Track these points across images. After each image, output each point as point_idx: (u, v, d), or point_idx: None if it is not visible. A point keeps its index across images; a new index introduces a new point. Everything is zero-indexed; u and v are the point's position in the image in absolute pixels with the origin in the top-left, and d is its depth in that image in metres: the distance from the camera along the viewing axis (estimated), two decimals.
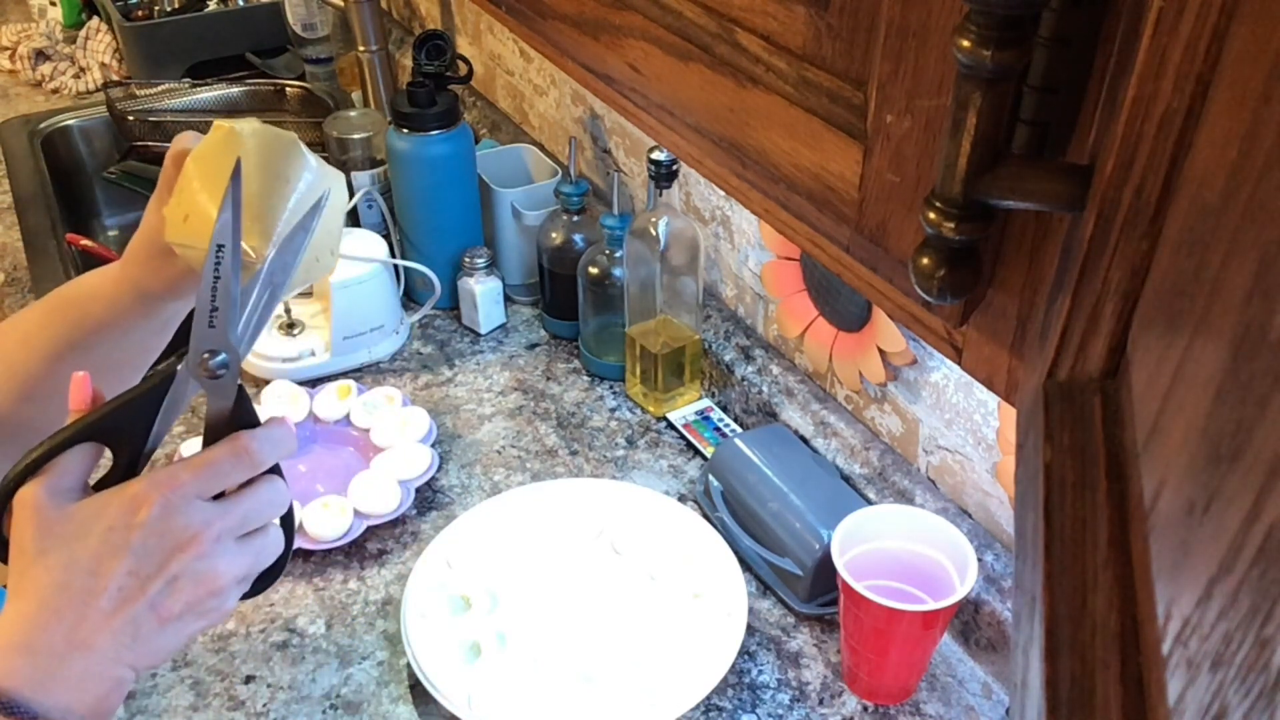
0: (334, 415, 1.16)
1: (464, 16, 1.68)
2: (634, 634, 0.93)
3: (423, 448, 1.09)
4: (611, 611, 0.96)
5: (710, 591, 0.95)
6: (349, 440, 1.15)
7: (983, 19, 0.31)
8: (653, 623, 0.94)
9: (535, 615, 0.95)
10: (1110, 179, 0.30)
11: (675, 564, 0.98)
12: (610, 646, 0.93)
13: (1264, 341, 0.20)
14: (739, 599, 0.94)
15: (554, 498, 1.05)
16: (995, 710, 0.90)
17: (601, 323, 1.23)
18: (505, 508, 1.04)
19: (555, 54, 0.65)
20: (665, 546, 1.00)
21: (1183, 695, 0.21)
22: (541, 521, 1.03)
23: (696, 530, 1.01)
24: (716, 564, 0.97)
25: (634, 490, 1.06)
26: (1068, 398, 0.32)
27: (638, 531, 1.02)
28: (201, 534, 0.55)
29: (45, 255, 1.44)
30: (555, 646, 0.92)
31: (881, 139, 0.41)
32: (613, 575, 0.99)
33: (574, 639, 0.93)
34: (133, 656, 0.54)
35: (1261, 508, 0.19)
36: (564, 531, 1.02)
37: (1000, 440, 0.88)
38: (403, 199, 1.32)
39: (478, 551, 1.00)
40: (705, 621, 0.93)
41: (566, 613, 0.96)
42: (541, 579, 0.98)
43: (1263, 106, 0.22)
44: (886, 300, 0.47)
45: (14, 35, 2.06)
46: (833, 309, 1.03)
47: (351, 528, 1.01)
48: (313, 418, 1.16)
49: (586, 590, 0.98)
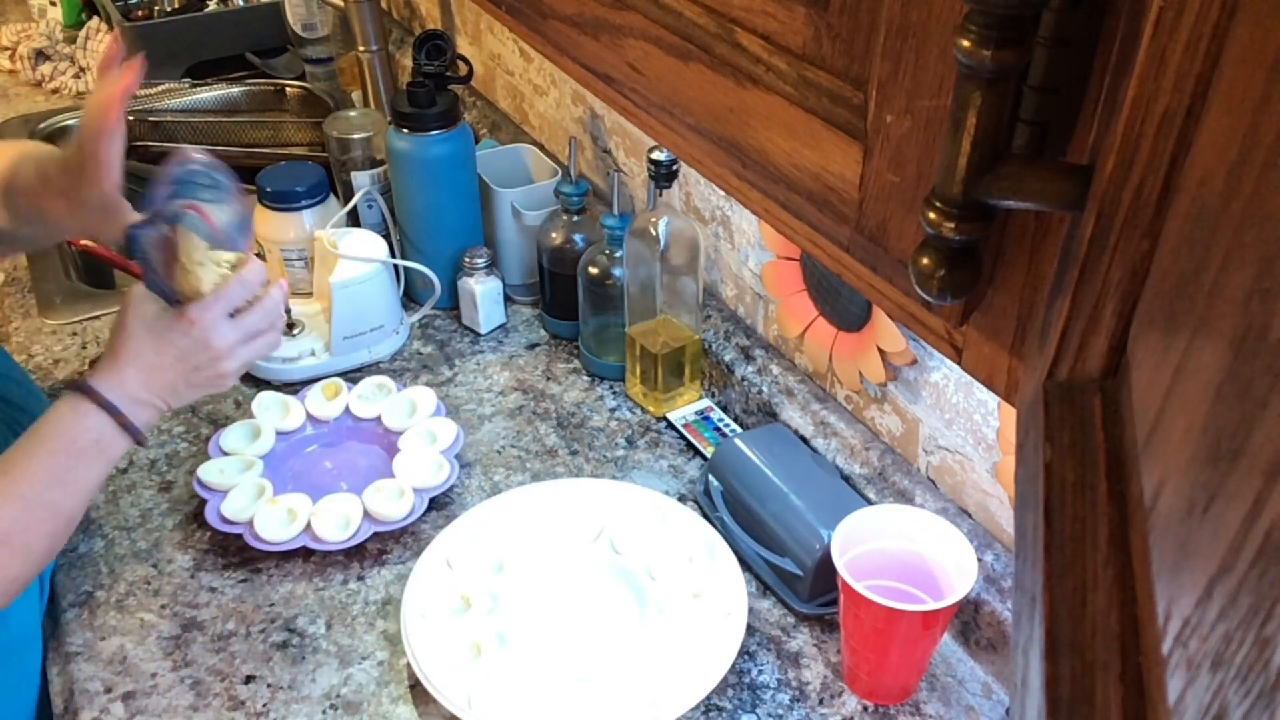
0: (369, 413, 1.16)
1: (464, 16, 1.68)
2: (634, 634, 0.93)
3: (444, 459, 1.08)
4: (611, 611, 0.96)
5: (710, 591, 0.95)
6: (377, 439, 1.16)
7: (983, 19, 0.31)
8: (653, 623, 0.94)
9: (535, 615, 0.95)
10: (1110, 179, 0.30)
11: (675, 564, 0.98)
12: (610, 647, 0.92)
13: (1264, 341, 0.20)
14: (739, 599, 0.93)
15: (554, 498, 1.05)
16: (995, 710, 0.90)
17: (601, 323, 1.23)
18: (505, 508, 1.04)
19: (555, 54, 0.65)
20: (665, 546, 1.00)
21: (1183, 695, 0.21)
22: (541, 521, 1.03)
23: (696, 530, 1.01)
24: (716, 564, 0.97)
25: (634, 490, 1.05)
26: (1068, 398, 0.32)
27: (638, 531, 1.01)
28: (221, 346, 0.88)
29: (45, 255, 1.44)
30: (555, 647, 0.92)
31: (881, 139, 0.41)
32: (613, 575, 0.99)
33: (574, 639, 0.93)
34: (169, 401, 0.89)
35: (1261, 508, 0.19)
36: (564, 531, 1.02)
37: (1000, 440, 0.88)
38: (403, 199, 1.32)
39: (478, 552, 1.00)
40: (705, 622, 0.93)
41: (566, 613, 0.96)
42: (541, 579, 0.98)
43: (1263, 106, 0.22)
44: (886, 300, 0.47)
45: (14, 35, 2.06)
46: (833, 309, 1.03)
47: (358, 532, 1.01)
48: (349, 415, 1.16)
49: (586, 590, 0.98)
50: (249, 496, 1.04)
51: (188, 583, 1.00)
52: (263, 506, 1.02)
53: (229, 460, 1.09)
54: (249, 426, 1.13)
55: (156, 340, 0.88)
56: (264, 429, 1.12)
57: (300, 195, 1.26)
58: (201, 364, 0.89)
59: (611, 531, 1.02)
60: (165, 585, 1.00)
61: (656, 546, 1.00)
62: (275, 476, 1.08)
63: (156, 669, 0.92)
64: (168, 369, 0.88)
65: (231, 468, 1.08)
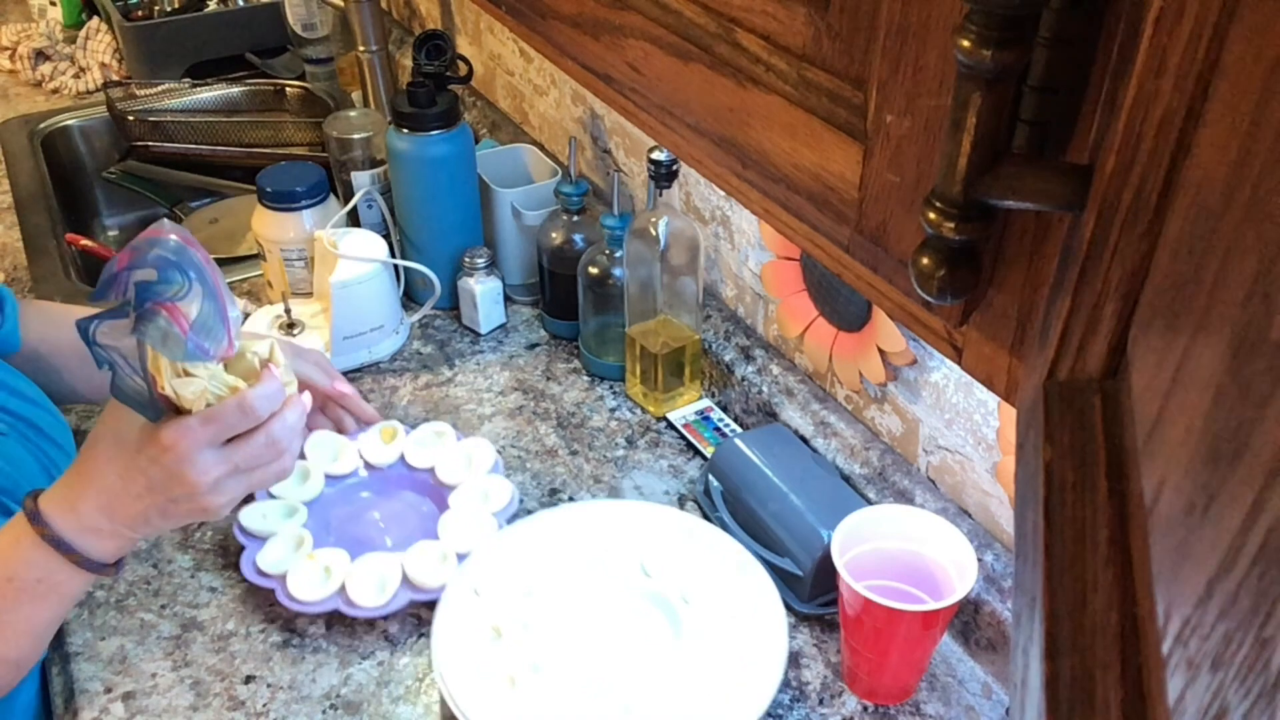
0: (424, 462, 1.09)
1: (464, 16, 1.68)
2: (673, 660, 0.88)
3: (495, 522, 1.01)
4: (647, 637, 0.91)
5: (746, 613, 0.90)
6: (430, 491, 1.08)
7: (983, 19, 0.31)
8: (690, 647, 0.89)
9: (569, 643, 0.89)
10: (1110, 179, 0.30)
11: (708, 585, 0.93)
12: (649, 673, 0.87)
13: (1264, 341, 0.20)
14: (777, 620, 0.88)
15: (578, 519, 0.99)
16: (995, 710, 0.90)
17: (601, 323, 1.23)
18: (529, 532, 0.97)
19: (555, 54, 0.65)
20: (696, 567, 0.94)
21: (1183, 695, 0.21)
22: (567, 545, 0.97)
23: (726, 550, 0.95)
24: (750, 585, 0.92)
25: (659, 510, 1.00)
26: (1068, 398, 0.32)
27: (667, 552, 0.96)
28: (200, 480, 0.74)
29: (45, 255, 1.44)
30: (592, 675, 0.87)
31: (881, 139, 0.41)
32: (645, 599, 0.94)
33: (612, 666, 0.88)
34: (141, 531, 0.77)
35: (1261, 508, 0.19)
36: (591, 554, 0.96)
37: (1000, 440, 0.88)
38: (403, 199, 1.32)
39: (505, 578, 0.93)
40: (743, 645, 0.88)
41: (601, 640, 0.90)
42: (572, 605, 0.92)
43: (1263, 106, 0.22)
44: (886, 300, 0.47)
45: (14, 35, 2.06)
46: (833, 309, 1.03)
47: (394, 599, 0.94)
48: (404, 462, 1.09)
49: (619, 615, 0.92)
50: (288, 547, 0.98)
51: (188, 583, 1.00)
52: (300, 561, 0.96)
53: (273, 505, 1.02)
54: (299, 468, 1.05)
55: (124, 464, 0.74)
56: (313, 472, 1.06)
57: (300, 195, 1.26)
58: (178, 497, 0.75)
59: (640, 553, 0.96)
60: (165, 585, 1.00)
61: (687, 567, 0.94)
62: (318, 525, 1.02)
63: (156, 669, 0.92)
64: (136, 498, 0.74)
65: (275, 512, 1.01)
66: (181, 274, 0.69)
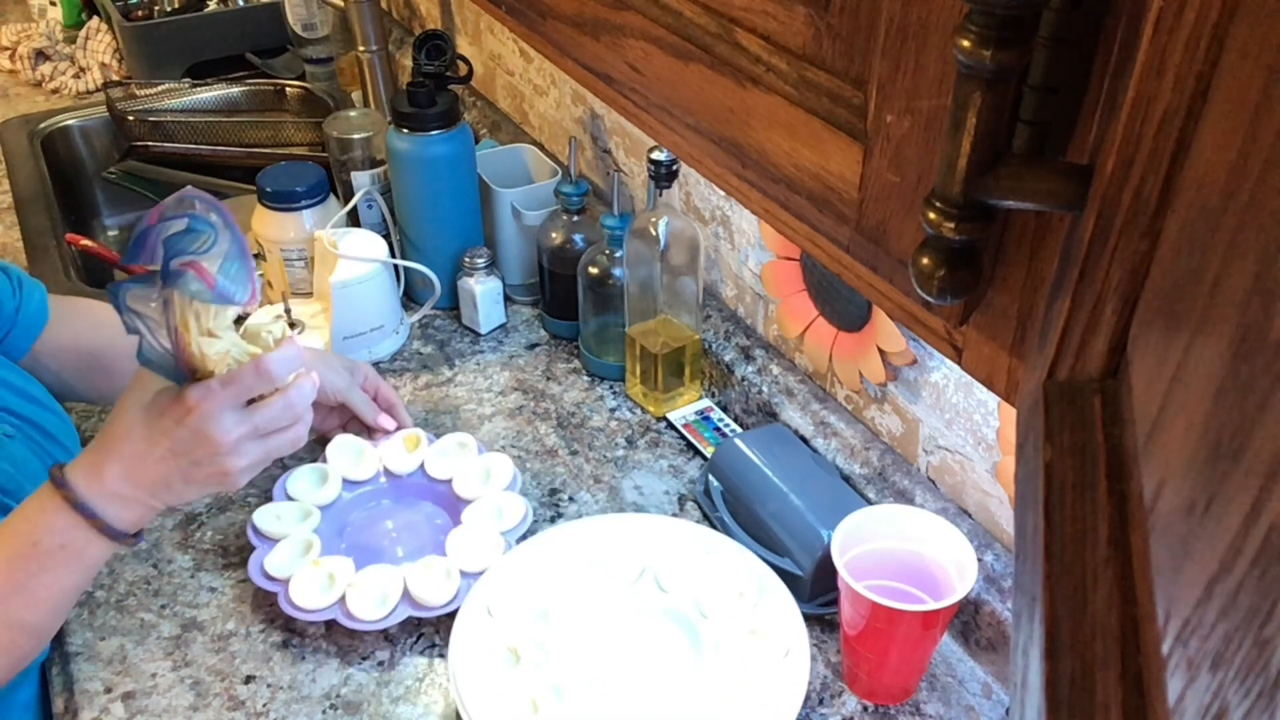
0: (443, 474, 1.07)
1: (464, 16, 1.68)
2: (693, 677, 0.87)
3: (504, 542, 0.99)
4: (667, 654, 0.89)
5: (766, 628, 0.89)
6: (447, 504, 1.07)
7: (983, 19, 0.31)
8: (710, 664, 0.88)
9: (589, 663, 0.88)
10: (1110, 179, 0.30)
11: (725, 600, 0.92)
12: (671, 691, 0.86)
13: (1264, 341, 0.20)
14: (798, 635, 0.86)
15: (590, 535, 0.96)
16: (995, 710, 0.90)
17: (601, 323, 1.23)
18: (540, 548, 0.95)
19: (555, 54, 0.65)
20: (712, 582, 0.93)
21: (1183, 695, 0.21)
22: (580, 561, 0.95)
23: (743, 563, 0.93)
24: (768, 598, 0.91)
25: (672, 523, 0.98)
26: (1068, 398, 0.32)
27: (682, 567, 0.94)
28: (223, 439, 0.77)
29: (45, 255, 1.44)
30: (615, 695, 0.86)
31: (881, 139, 0.41)
32: (662, 615, 0.92)
33: (633, 686, 0.87)
34: (163, 498, 0.79)
35: (1261, 508, 0.19)
36: (605, 571, 0.94)
37: (1000, 440, 0.88)
38: (403, 199, 1.32)
39: (518, 597, 0.92)
40: (763, 660, 0.87)
41: (621, 658, 0.89)
42: (589, 624, 0.91)
43: (1263, 106, 0.22)
44: (886, 300, 0.47)
45: (14, 35, 2.06)
46: (833, 309, 1.03)
47: (393, 613, 0.93)
48: (424, 472, 1.07)
49: (637, 633, 0.91)
50: (295, 551, 0.97)
51: (188, 583, 1.00)
52: (304, 566, 0.95)
53: (288, 506, 1.01)
54: (318, 471, 1.05)
55: (149, 427, 0.77)
56: (332, 475, 1.05)
57: (300, 195, 1.26)
58: (200, 459, 0.77)
59: (655, 568, 0.95)
60: (165, 585, 1.00)
61: (703, 582, 0.93)
62: (331, 530, 1.01)
63: (156, 669, 0.92)
64: (159, 462, 0.77)
65: (289, 515, 1.01)
66: (208, 224, 0.75)
